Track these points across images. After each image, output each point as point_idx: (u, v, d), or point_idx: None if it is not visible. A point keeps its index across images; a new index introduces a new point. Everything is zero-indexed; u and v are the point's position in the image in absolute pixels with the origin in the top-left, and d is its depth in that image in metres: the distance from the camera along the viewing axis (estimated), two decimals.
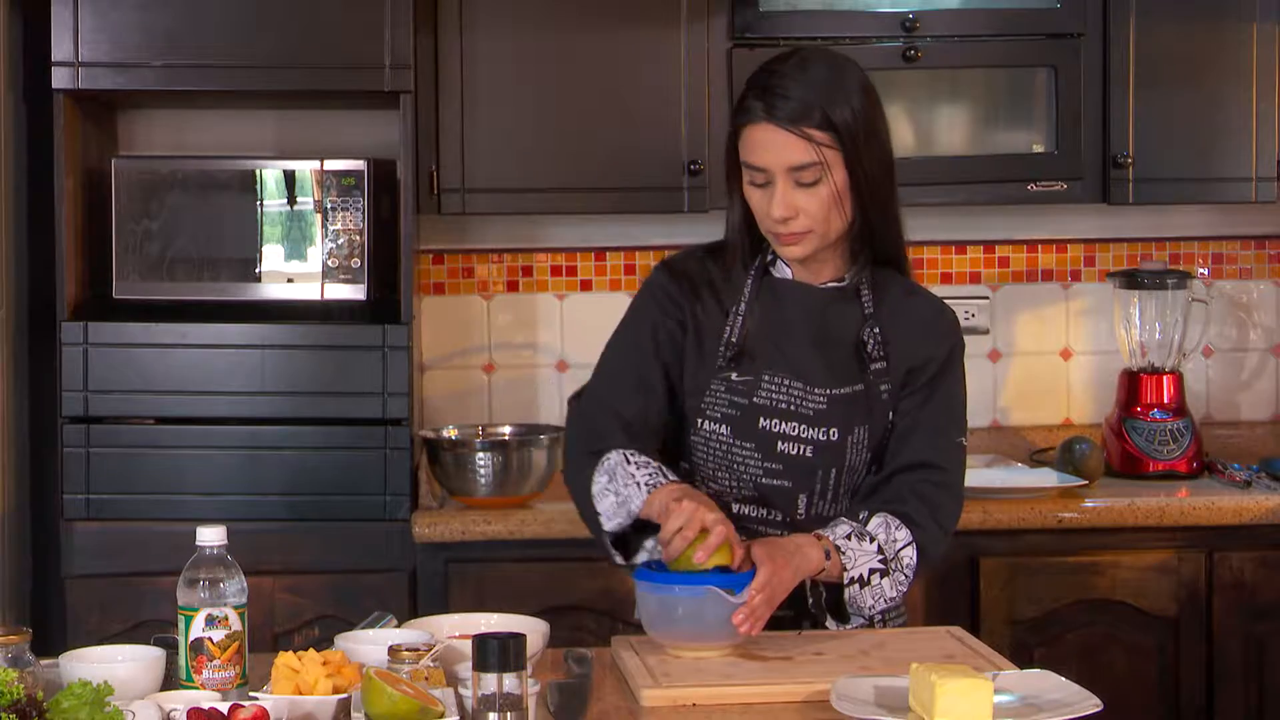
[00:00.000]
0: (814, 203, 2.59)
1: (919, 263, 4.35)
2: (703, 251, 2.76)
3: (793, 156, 2.57)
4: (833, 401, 2.64)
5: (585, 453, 2.65)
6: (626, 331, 2.75)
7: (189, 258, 3.79)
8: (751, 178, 2.62)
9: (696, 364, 2.68)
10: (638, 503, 2.55)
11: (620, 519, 2.59)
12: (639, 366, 2.69)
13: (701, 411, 2.67)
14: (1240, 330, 4.46)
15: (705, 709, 2.33)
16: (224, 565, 2.34)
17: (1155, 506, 3.79)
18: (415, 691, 2.15)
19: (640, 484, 2.56)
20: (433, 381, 4.28)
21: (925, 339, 2.69)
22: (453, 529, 3.71)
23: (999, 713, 2.18)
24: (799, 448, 2.64)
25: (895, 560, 2.59)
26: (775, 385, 2.65)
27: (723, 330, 2.68)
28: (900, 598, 2.65)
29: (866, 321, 2.67)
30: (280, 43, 3.74)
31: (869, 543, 2.58)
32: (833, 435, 2.64)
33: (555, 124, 3.96)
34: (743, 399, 2.65)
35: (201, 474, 3.73)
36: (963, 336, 2.75)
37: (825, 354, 2.66)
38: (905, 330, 2.68)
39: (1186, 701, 3.80)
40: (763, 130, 2.58)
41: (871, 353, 2.66)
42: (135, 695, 2.24)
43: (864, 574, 2.57)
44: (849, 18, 3.98)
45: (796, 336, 2.67)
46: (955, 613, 3.67)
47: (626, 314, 2.77)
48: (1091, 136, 4.04)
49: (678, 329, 2.69)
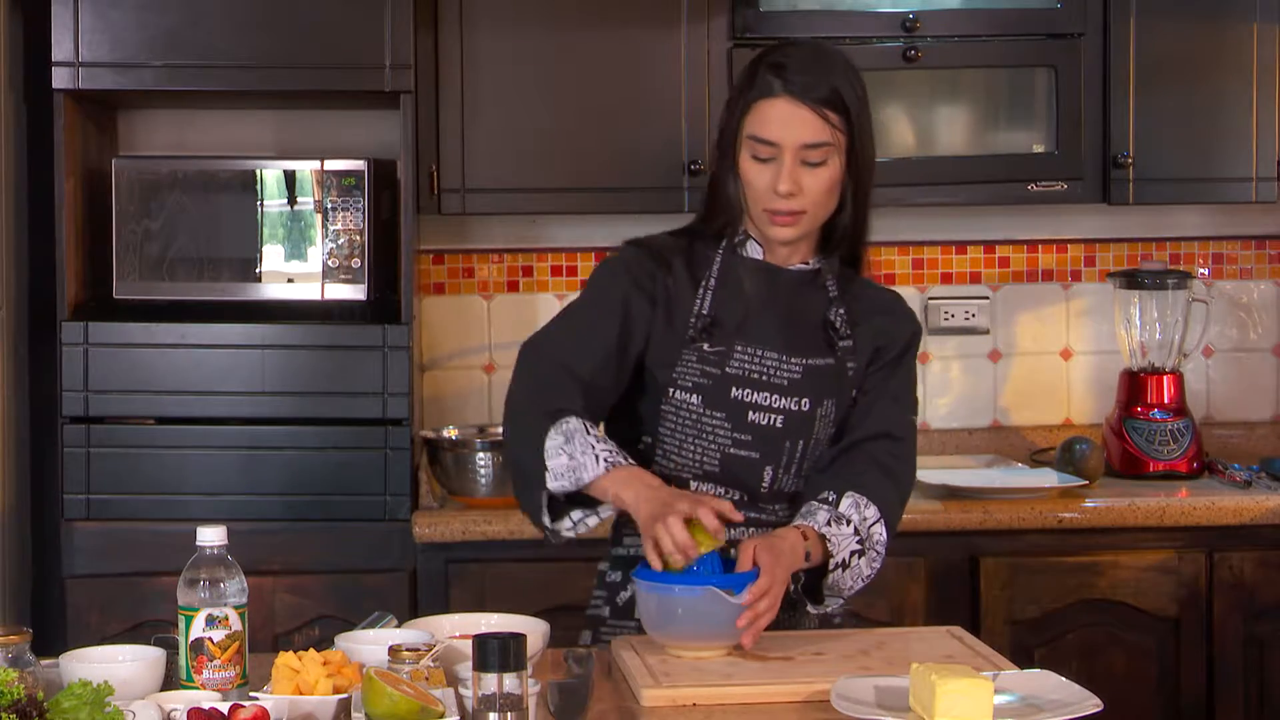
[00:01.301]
0: (817, 183, 2.62)
1: (919, 263, 4.35)
2: (666, 233, 2.79)
3: (808, 134, 2.60)
4: (807, 372, 2.67)
5: (541, 410, 2.60)
6: (594, 298, 2.72)
7: (189, 258, 3.79)
8: (756, 151, 2.63)
9: (666, 334, 2.68)
10: (590, 473, 2.54)
11: (565, 483, 2.56)
12: (603, 335, 2.67)
13: (673, 381, 2.67)
14: (1240, 330, 4.46)
15: (705, 709, 2.33)
16: (224, 565, 2.34)
17: (1155, 506, 3.79)
18: (415, 692, 2.15)
19: (599, 456, 2.54)
20: (433, 381, 4.28)
21: (888, 320, 2.75)
22: (453, 529, 3.72)
23: (999, 713, 2.18)
24: (769, 418, 2.66)
25: (868, 539, 2.62)
26: (748, 356, 2.66)
27: (692, 302, 2.69)
28: (874, 574, 2.66)
29: (832, 303, 2.72)
30: (280, 43, 3.74)
31: (846, 525, 2.60)
32: (804, 405, 2.66)
33: (555, 124, 3.96)
34: (715, 369, 2.66)
35: (202, 474, 3.73)
36: (920, 325, 2.81)
37: (795, 329, 2.69)
38: (868, 314, 2.74)
39: (1186, 701, 3.80)
40: (782, 104, 2.60)
41: (840, 330, 2.71)
42: (135, 695, 2.24)
43: (845, 557, 2.60)
44: (849, 18, 3.99)
45: (767, 311, 2.69)
46: (955, 613, 3.67)
47: (592, 282, 2.75)
48: (1091, 136, 4.04)
49: (647, 302, 2.68)
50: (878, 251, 4.35)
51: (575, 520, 2.62)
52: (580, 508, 2.61)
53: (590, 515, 2.61)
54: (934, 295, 4.37)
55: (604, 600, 2.77)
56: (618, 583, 2.76)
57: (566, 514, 2.62)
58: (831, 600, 2.64)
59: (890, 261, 4.35)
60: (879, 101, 4.02)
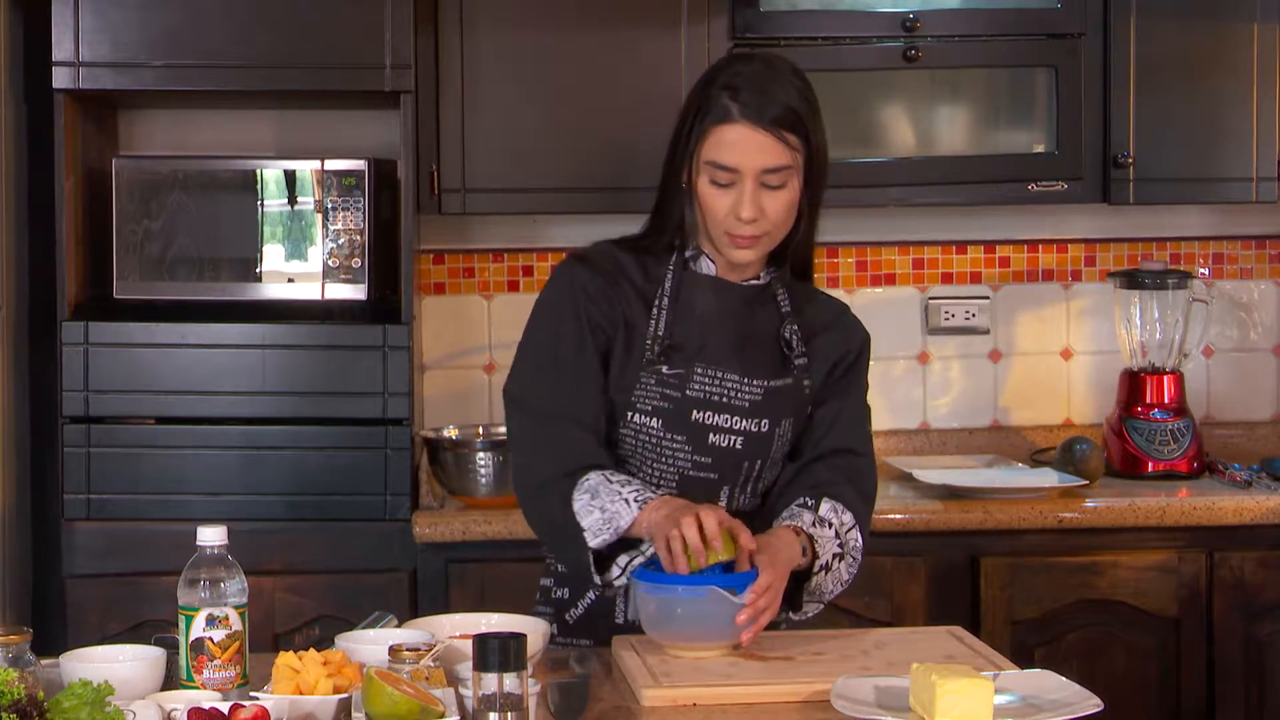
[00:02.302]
0: (778, 205, 2.60)
1: (920, 263, 4.35)
2: (609, 245, 2.75)
3: (768, 159, 2.57)
4: (767, 393, 2.66)
5: (559, 475, 2.59)
6: (564, 329, 2.67)
7: (189, 258, 3.79)
8: (715, 177, 2.60)
9: (624, 357, 2.66)
10: (626, 519, 2.54)
11: (606, 536, 2.55)
12: (588, 367, 2.65)
13: (631, 405, 2.65)
14: (1241, 330, 4.46)
15: (705, 709, 2.33)
16: (224, 565, 2.34)
17: (1155, 506, 3.79)
18: (416, 691, 2.15)
19: (628, 500, 2.54)
20: (433, 381, 4.28)
21: (838, 335, 2.75)
22: (453, 529, 3.71)
23: (999, 713, 2.18)
24: (730, 439, 2.66)
25: (845, 543, 2.63)
26: (708, 378, 2.65)
27: (646, 323, 2.67)
28: (851, 580, 2.66)
29: (785, 319, 2.71)
30: (280, 43, 3.74)
31: (828, 529, 2.61)
32: (763, 426, 2.66)
33: (555, 124, 3.96)
34: (675, 392, 2.64)
35: (202, 474, 3.73)
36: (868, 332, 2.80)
37: (751, 349, 2.68)
38: (820, 328, 2.73)
39: (1186, 701, 3.80)
40: (740, 130, 2.57)
41: (795, 348, 2.70)
42: (135, 695, 2.25)
43: (829, 560, 2.60)
44: (849, 18, 3.98)
45: (723, 331, 2.68)
46: (955, 613, 3.67)
47: (550, 308, 2.70)
48: (1091, 136, 4.04)
49: (605, 324, 2.66)
50: (878, 251, 4.36)
51: (623, 566, 2.58)
52: (624, 551, 2.58)
53: (636, 555, 2.58)
54: (934, 295, 4.37)
55: (550, 615, 2.75)
56: (565, 600, 2.75)
57: (612, 562, 2.59)
58: (811, 606, 2.63)
59: (890, 261, 4.35)
60: (879, 101, 4.05)
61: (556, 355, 2.67)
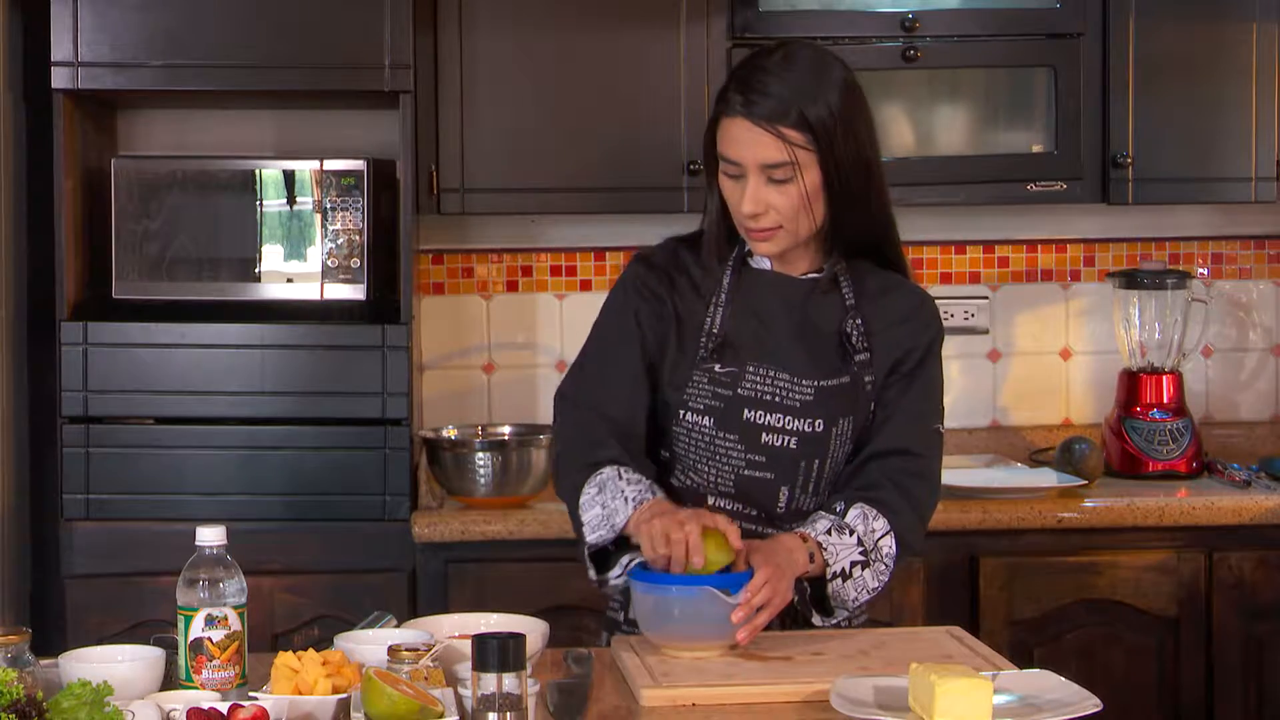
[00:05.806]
0: (784, 200, 2.58)
1: (919, 263, 4.35)
2: (675, 243, 2.75)
3: (765, 154, 2.57)
4: (820, 393, 2.64)
5: (580, 464, 2.62)
6: (609, 326, 2.72)
7: (189, 258, 3.79)
8: (725, 169, 2.61)
9: (677, 355, 2.67)
10: (622, 517, 2.55)
11: (603, 533, 2.57)
12: (626, 363, 2.67)
13: (684, 403, 2.65)
14: (1240, 330, 4.46)
15: (705, 709, 2.33)
16: (224, 565, 2.34)
17: (1155, 506, 3.79)
18: (415, 691, 2.15)
19: (628, 498, 2.55)
20: (432, 381, 4.28)
21: (908, 329, 2.70)
22: (453, 529, 3.71)
23: (999, 713, 2.18)
24: (783, 439, 2.64)
25: (875, 550, 2.59)
26: (760, 377, 2.64)
27: (702, 321, 2.66)
28: (882, 587, 2.63)
29: (848, 313, 2.67)
30: (280, 43, 3.74)
31: (848, 535, 2.58)
32: (818, 427, 2.64)
33: (555, 124, 3.96)
34: (726, 390, 2.64)
35: (201, 474, 3.73)
36: (942, 325, 2.77)
37: (809, 346, 2.66)
38: (887, 321, 2.69)
39: (1186, 701, 3.80)
40: (738, 125, 2.57)
41: (856, 344, 2.67)
42: (135, 695, 2.24)
43: (845, 567, 2.58)
44: (849, 18, 3.99)
45: (779, 328, 2.66)
46: (955, 613, 3.67)
47: (606, 308, 2.75)
48: (1091, 136, 4.04)
49: (659, 322, 2.67)
50: None
51: (624, 565, 2.59)
52: (628, 552, 2.59)
53: (636, 555, 2.57)
54: (933, 295, 4.36)
55: (620, 605, 2.76)
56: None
57: (616, 561, 2.60)
58: (839, 611, 2.62)
59: None
60: (879, 101, 4.04)
61: (598, 351, 2.72)
